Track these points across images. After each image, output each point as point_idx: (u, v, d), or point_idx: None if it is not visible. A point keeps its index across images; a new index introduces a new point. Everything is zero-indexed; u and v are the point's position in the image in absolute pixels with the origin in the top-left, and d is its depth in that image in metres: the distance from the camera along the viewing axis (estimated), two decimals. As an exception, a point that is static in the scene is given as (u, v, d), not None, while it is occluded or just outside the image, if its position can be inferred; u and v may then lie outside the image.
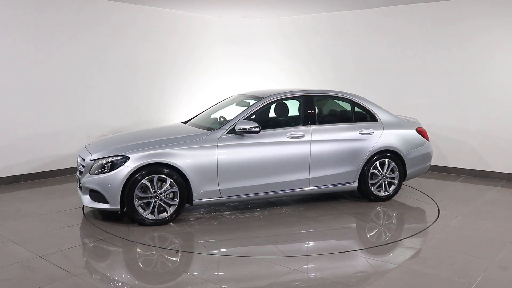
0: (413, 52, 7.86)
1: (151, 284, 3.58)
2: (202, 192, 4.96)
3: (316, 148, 5.43)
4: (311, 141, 5.41)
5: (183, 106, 8.98)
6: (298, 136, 5.38)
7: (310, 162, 5.40)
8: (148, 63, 8.36)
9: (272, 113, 6.26)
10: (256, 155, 5.17)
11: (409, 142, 5.95)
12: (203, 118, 5.93)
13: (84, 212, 5.37)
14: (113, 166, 4.75)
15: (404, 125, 6.05)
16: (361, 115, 5.92)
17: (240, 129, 5.06)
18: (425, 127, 6.46)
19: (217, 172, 4.98)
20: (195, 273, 3.79)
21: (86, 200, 4.90)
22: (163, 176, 4.79)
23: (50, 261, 3.94)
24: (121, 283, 3.63)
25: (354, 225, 5.10)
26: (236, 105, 5.91)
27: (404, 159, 5.88)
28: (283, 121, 6.06)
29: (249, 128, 5.07)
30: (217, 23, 9.48)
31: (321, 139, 5.48)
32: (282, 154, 5.28)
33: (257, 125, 5.10)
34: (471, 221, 5.16)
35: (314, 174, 5.45)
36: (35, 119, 6.94)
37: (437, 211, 5.51)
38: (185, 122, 6.02)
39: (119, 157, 4.77)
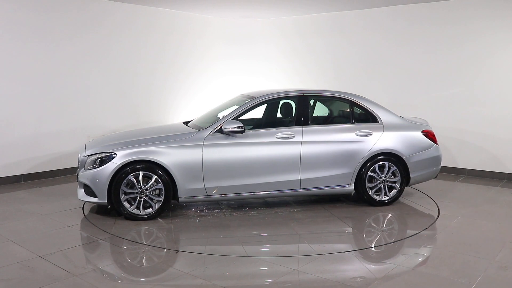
0: (413, 52, 7.86)
1: (151, 283, 3.59)
2: (187, 189, 5.06)
3: (307, 149, 5.32)
4: (301, 142, 5.32)
5: (183, 106, 8.99)
6: (288, 137, 5.31)
7: (300, 163, 5.31)
8: (148, 63, 8.35)
9: (270, 113, 6.27)
10: (243, 155, 5.17)
11: (413, 145, 5.67)
12: (204, 118, 5.93)
13: (84, 212, 5.38)
14: (102, 162, 4.97)
15: (408, 127, 5.78)
16: (361, 115, 5.77)
17: (226, 128, 5.11)
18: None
19: (202, 170, 5.05)
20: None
21: (80, 194, 5.13)
22: (149, 172, 4.95)
23: (50, 261, 3.95)
24: (121, 283, 3.63)
25: (337, 229, 4.93)
26: (237, 105, 5.90)
27: (407, 162, 5.61)
28: (276, 121, 6.06)
29: (234, 128, 5.10)
30: (217, 23, 9.48)
31: (313, 140, 5.36)
32: (270, 154, 5.24)
33: (242, 125, 5.12)
34: (471, 221, 5.16)
35: (305, 175, 5.34)
36: (35, 119, 6.94)
37: (437, 211, 5.51)
38: (187, 122, 6.03)
39: (107, 154, 4.99)
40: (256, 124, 6.10)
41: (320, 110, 6.17)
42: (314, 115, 5.91)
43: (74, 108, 7.37)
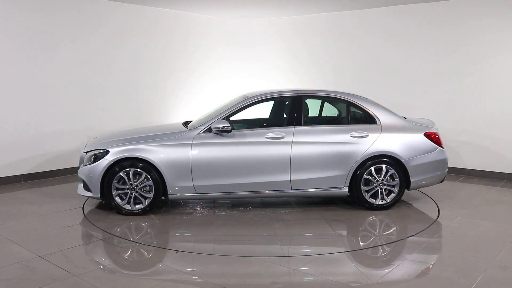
0: (413, 52, 7.86)
1: (151, 282, 3.59)
2: (177, 187, 5.17)
3: (297, 150, 5.23)
4: (292, 142, 5.25)
5: (183, 107, 8.99)
6: (278, 137, 5.26)
7: (290, 164, 5.23)
8: (150, 63, 8.36)
9: (271, 113, 6.27)
10: (231, 154, 5.19)
11: (413, 147, 5.41)
12: (203, 119, 5.94)
13: (84, 212, 5.38)
14: (96, 158, 5.21)
15: (409, 128, 5.53)
16: (358, 116, 5.61)
17: (214, 128, 5.18)
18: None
19: (191, 169, 5.13)
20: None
21: (79, 188, 5.37)
22: (139, 170, 5.11)
23: (50, 261, 3.95)
24: (122, 283, 3.63)
25: (319, 232, 4.81)
26: None
27: (406, 166, 5.37)
28: (267, 121, 6.06)
29: (221, 128, 5.15)
30: (219, 23, 9.49)
31: (304, 140, 5.27)
32: (259, 154, 5.22)
33: (229, 125, 5.16)
34: (471, 221, 5.16)
35: (296, 176, 5.26)
36: (36, 119, 6.94)
37: (437, 211, 5.51)
38: (188, 122, 6.04)
39: (101, 151, 5.21)
40: (257, 124, 6.13)
41: (316, 110, 6.12)
42: (308, 115, 5.85)
43: (74, 108, 7.37)
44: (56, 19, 7.02)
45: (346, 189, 5.39)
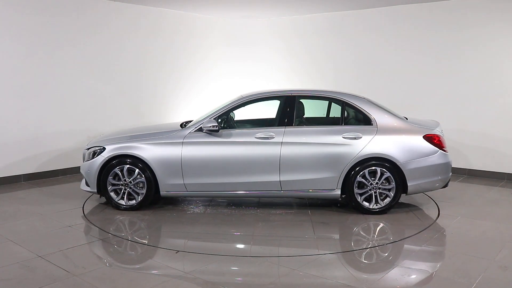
0: (413, 52, 7.86)
1: (151, 282, 3.59)
2: (168, 184, 5.30)
3: (287, 151, 5.17)
4: (281, 143, 5.19)
5: (184, 107, 8.99)
6: (267, 137, 5.24)
7: (280, 164, 5.18)
8: (150, 63, 8.36)
9: (277, 113, 6.28)
10: (220, 154, 5.24)
11: (411, 150, 5.16)
12: (198, 118, 5.97)
13: (84, 212, 5.39)
14: (94, 155, 5.43)
15: (407, 130, 5.28)
16: (353, 117, 5.49)
17: (204, 127, 5.26)
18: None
19: (181, 167, 5.22)
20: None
21: (82, 183, 5.63)
22: (133, 167, 5.29)
23: (50, 261, 3.95)
24: (122, 283, 3.63)
25: (298, 234, 4.74)
26: None
27: (402, 169, 5.14)
28: (268, 121, 6.06)
29: (210, 127, 5.22)
30: (219, 23, 9.49)
31: (294, 141, 5.19)
32: (248, 154, 5.22)
33: (216, 124, 5.21)
34: (471, 221, 5.16)
35: (285, 177, 5.19)
36: (36, 119, 6.94)
37: (437, 211, 5.51)
38: (188, 122, 6.05)
39: (99, 148, 5.42)
40: (259, 124, 6.15)
41: (310, 110, 6.09)
42: (303, 116, 5.79)
43: (75, 108, 7.37)
44: (57, 20, 7.02)
45: (338, 192, 5.26)
